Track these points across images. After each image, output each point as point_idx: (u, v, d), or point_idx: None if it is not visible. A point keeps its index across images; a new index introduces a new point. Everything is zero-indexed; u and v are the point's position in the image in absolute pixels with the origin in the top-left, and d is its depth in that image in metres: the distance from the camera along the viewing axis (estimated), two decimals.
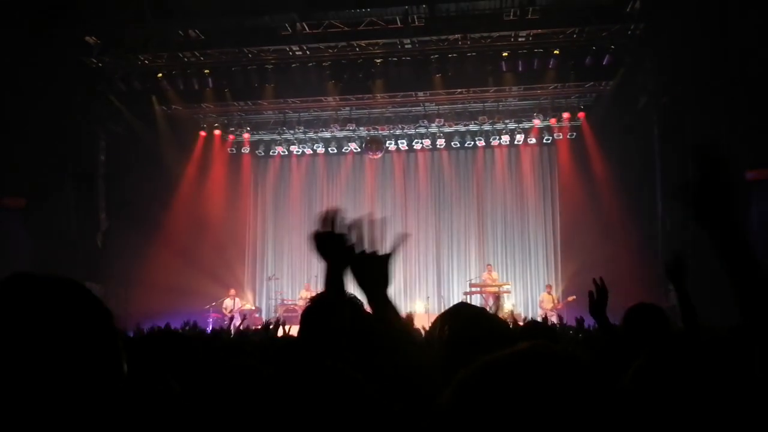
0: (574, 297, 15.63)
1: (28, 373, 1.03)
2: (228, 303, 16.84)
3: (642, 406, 1.24)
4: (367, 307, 2.05)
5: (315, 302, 2.54)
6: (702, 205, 1.58)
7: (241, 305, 17.34)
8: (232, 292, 17.26)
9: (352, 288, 1.99)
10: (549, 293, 16.80)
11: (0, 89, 12.46)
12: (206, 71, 15.75)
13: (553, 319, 14.62)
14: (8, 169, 13.27)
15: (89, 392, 1.08)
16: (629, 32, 14.34)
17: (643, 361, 1.40)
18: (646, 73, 14.77)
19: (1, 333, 1.05)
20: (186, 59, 15.62)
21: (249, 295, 19.09)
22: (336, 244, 1.93)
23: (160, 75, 15.76)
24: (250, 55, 15.56)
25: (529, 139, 18.38)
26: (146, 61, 15.64)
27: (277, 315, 15.26)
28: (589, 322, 9.41)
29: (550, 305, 16.31)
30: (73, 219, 15.17)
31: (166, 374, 2.51)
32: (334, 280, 2.00)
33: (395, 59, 15.37)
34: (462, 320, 2.12)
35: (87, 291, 1.17)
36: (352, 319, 2.28)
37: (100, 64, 15.46)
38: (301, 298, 16.99)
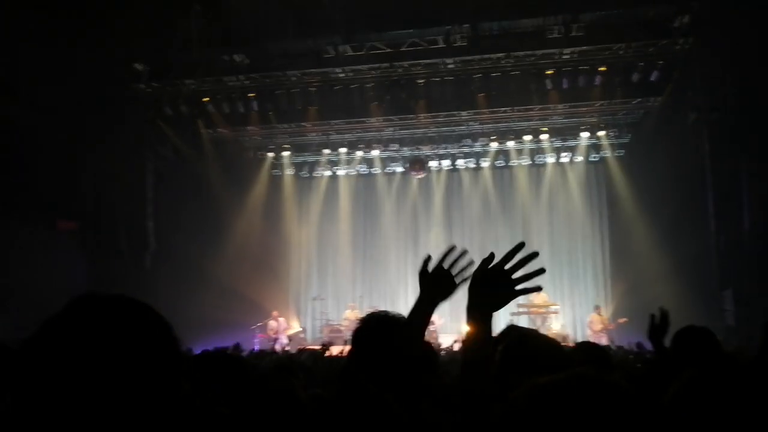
0: (626, 319, 15.22)
1: (98, 387, 1.07)
2: (272, 324, 16.93)
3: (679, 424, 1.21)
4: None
5: (365, 322, 2.50)
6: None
7: (285, 326, 17.41)
8: (275, 313, 17.34)
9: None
10: (599, 314, 16.39)
11: (52, 116, 12.80)
12: (251, 95, 15.97)
13: (603, 340, 14.30)
14: (62, 193, 13.61)
15: (152, 408, 1.11)
16: (677, 47, 14.08)
17: (681, 383, 1.33)
18: (695, 88, 14.46)
19: (71, 350, 1.09)
20: (231, 83, 15.87)
21: (294, 316, 19.15)
22: (444, 283, 1.98)
23: (206, 99, 16.04)
24: (293, 78, 15.72)
25: (575, 157, 18.18)
26: (192, 86, 15.93)
27: (325, 337, 15.30)
28: (648, 345, 9.26)
29: (599, 326, 15.91)
30: (124, 241, 15.47)
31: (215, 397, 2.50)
32: (422, 313, 2.02)
33: (438, 79, 15.35)
34: (514, 342, 2.06)
35: (151, 310, 1.22)
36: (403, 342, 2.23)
37: (148, 90, 15.81)
38: (346, 319, 16.98)
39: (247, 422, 2.33)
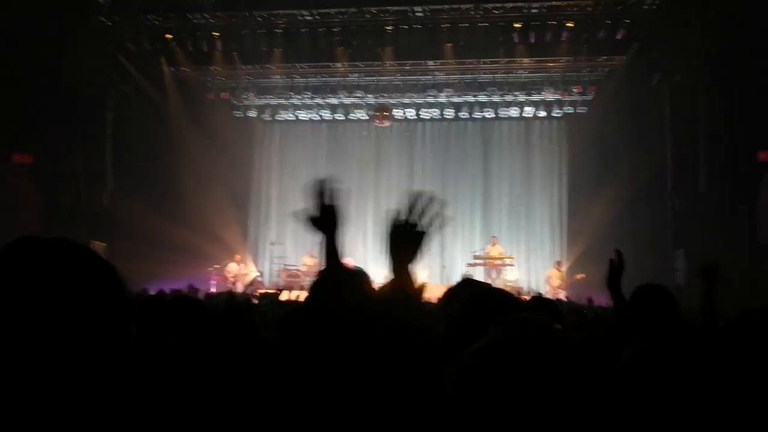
0: (584, 275, 15.43)
1: (39, 335, 1.05)
2: (233, 267, 16.85)
3: (632, 389, 1.25)
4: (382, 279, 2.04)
5: (323, 274, 2.52)
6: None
7: (246, 271, 17.37)
8: (238, 257, 17.28)
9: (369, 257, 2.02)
10: (558, 269, 16.55)
11: (10, 47, 12.36)
12: (215, 34, 15.63)
13: (561, 296, 14.56)
14: (18, 126, 13.24)
15: (97, 352, 1.09)
16: (645, 7, 14.13)
17: (641, 343, 1.38)
18: (660, 49, 14.58)
19: (11, 297, 1.06)
20: (195, 21, 15.49)
21: (251, 259, 19.11)
22: (329, 215, 1.99)
23: (169, 36, 15.63)
24: (259, 19, 15.42)
25: (538, 112, 18.25)
26: (156, 22, 15.50)
27: (282, 282, 15.33)
28: (599, 301, 9.51)
29: (558, 282, 16.06)
30: (81, 177, 15.18)
31: (166, 336, 2.51)
32: (331, 252, 2.03)
33: (406, 27, 15.22)
34: (471, 296, 2.11)
35: (94, 253, 1.18)
36: (356, 293, 2.26)
37: (110, 24, 15.33)
38: (304, 265, 17.00)
39: (204, 361, 2.35)
